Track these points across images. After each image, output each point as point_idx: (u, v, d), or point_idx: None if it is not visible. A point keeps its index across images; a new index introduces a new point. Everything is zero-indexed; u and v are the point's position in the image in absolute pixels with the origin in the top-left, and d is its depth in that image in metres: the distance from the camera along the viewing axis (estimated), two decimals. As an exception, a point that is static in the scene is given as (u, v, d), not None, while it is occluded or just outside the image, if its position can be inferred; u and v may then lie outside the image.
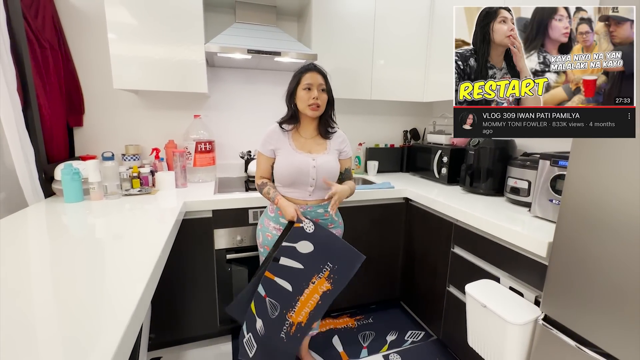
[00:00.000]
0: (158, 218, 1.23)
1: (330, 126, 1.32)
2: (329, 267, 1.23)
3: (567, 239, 0.95)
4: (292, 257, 1.21)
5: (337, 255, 1.24)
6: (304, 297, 1.23)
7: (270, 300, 1.22)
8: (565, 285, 0.95)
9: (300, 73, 1.23)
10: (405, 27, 1.99)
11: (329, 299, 1.25)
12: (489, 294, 1.18)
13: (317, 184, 1.26)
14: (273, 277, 1.22)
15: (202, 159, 1.89)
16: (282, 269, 1.21)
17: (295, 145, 1.27)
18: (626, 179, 0.80)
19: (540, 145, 1.66)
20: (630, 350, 0.81)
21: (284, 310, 1.23)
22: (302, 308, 1.24)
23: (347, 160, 1.38)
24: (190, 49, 1.61)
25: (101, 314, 0.62)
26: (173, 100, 1.94)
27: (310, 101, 1.21)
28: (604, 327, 0.86)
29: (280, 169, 1.25)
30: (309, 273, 1.22)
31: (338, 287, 1.25)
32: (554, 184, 1.23)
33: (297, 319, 1.24)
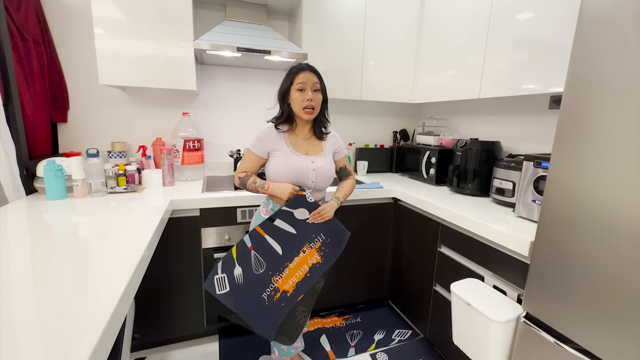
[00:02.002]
0: (144, 216, 1.21)
1: (324, 126, 1.30)
2: (321, 239, 1.22)
3: (547, 238, 0.97)
4: (287, 220, 1.19)
5: (330, 229, 1.24)
6: (293, 265, 1.19)
7: (256, 254, 1.18)
8: (546, 284, 0.98)
9: (293, 73, 1.19)
10: (396, 29, 2.01)
11: (317, 273, 1.22)
12: (474, 293, 1.20)
13: (316, 186, 1.25)
14: (264, 234, 1.18)
15: (190, 157, 1.87)
16: (275, 229, 1.18)
17: (293, 147, 1.24)
18: (604, 181, 0.83)
19: (525, 147, 1.70)
20: (606, 346, 0.83)
21: (270, 272, 1.18)
22: (290, 276, 1.19)
23: (342, 159, 1.38)
24: (179, 45, 1.59)
25: (81, 312, 0.60)
26: (161, 97, 1.91)
27: (304, 103, 1.17)
28: (581, 324, 0.89)
29: (279, 172, 1.21)
30: (301, 240, 1.20)
31: (327, 261, 1.23)
32: (537, 184, 1.26)
33: (283, 286, 1.19)
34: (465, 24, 1.70)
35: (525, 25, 1.40)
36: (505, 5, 1.48)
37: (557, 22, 1.26)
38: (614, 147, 0.80)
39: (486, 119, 1.96)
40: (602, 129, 0.83)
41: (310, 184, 1.24)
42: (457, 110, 2.17)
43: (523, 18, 1.40)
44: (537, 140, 1.64)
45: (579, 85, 0.88)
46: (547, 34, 1.31)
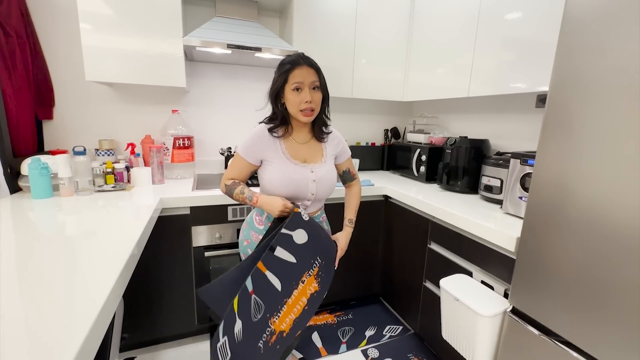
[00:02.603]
0: (133, 215, 1.20)
1: (325, 125, 1.16)
2: (318, 263, 1.10)
3: (533, 234, 0.99)
4: (288, 248, 1.05)
5: (324, 247, 1.12)
6: (291, 300, 1.07)
7: (256, 298, 1.04)
8: (531, 279, 1.00)
9: (287, 69, 1.01)
10: (386, 27, 2.02)
11: (315, 304, 1.11)
12: (462, 288, 1.23)
13: (316, 198, 1.12)
14: (265, 271, 1.04)
15: (180, 155, 1.85)
16: (276, 261, 1.04)
17: (290, 154, 1.09)
18: (588, 178, 0.85)
19: (513, 145, 1.73)
20: (587, 338, 0.86)
21: (268, 314, 1.05)
22: (288, 314, 1.08)
23: (346, 162, 1.25)
24: (168, 41, 1.57)
25: (67, 312, 0.60)
26: (150, 94, 1.89)
27: (302, 105, 1.02)
28: (564, 317, 0.91)
29: (275, 184, 1.07)
30: (300, 269, 1.07)
31: (324, 288, 1.13)
32: (523, 182, 1.28)
33: (279, 326, 1.07)
34: (454, 23, 1.72)
35: (513, 25, 1.42)
36: (493, 5, 1.50)
37: (545, 22, 1.29)
38: (597, 144, 0.83)
39: (475, 117, 1.98)
40: (585, 127, 0.85)
41: (310, 196, 1.10)
42: (447, 109, 2.20)
43: (511, 18, 1.42)
44: (525, 138, 1.67)
45: (563, 84, 0.90)
46: (534, 34, 1.33)
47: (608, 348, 0.82)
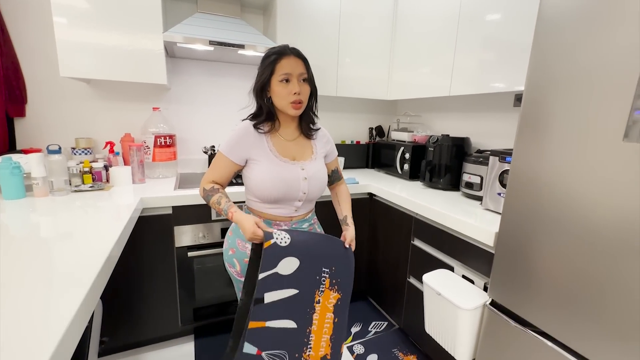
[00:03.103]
0: (112, 215, 1.16)
1: (312, 122, 1.10)
2: (327, 273, 0.96)
3: (510, 229, 1.03)
4: (278, 286, 0.90)
5: (328, 254, 0.98)
6: (316, 327, 0.95)
7: (270, 353, 0.91)
8: (509, 272, 1.03)
9: (274, 60, 0.95)
10: (370, 26, 2.03)
11: (343, 311, 1.00)
12: (444, 283, 1.25)
13: (308, 197, 1.05)
14: (263, 324, 0.90)
15: (161, 153, 1.80)
16: (273, 307, 0.90)
17: (278, 151, 1.02)
18: (562, 174, 0.88)
19: (493, 143, 1.78)
20: (562, 328, 0.90)
21: (297, 353, 0.93)
22: (319, 339, 0.96)
23: (334, 161, 1.21)
24: (148, 37, 1.53)
25: (41, 316, 0.58)
26: (129, 91, 1.83)
27: (291, 97, 0.96)
28: (540, 308, 0.95)
29: (264, 184, 0.99)
30: (308, 293, 0.94)
31: (347, 290, 1.00)
32: (502, 178, 1.32)
33: (318, 354, 0.96)
34: (436, 23, 1.75)
35: (492, 26, 1.46)
36: (473, 6, 1.53)
37: (522, 24, 1.33)
38: (570, 142, 0.86)
39: (457, 115, 2.03)
40: (559, 126, 0.88)
41: (302, 196, 1.03)
42: (430, 107, 2.24)
43: (490, 19, 1.46)
44: (504, 136, 1.72)
45: (538, 84, 0.93)
46: (512, 35, 1.37)
47: (581, 338, 0.86)
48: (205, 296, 1.65)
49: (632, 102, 0.73)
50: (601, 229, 0.80)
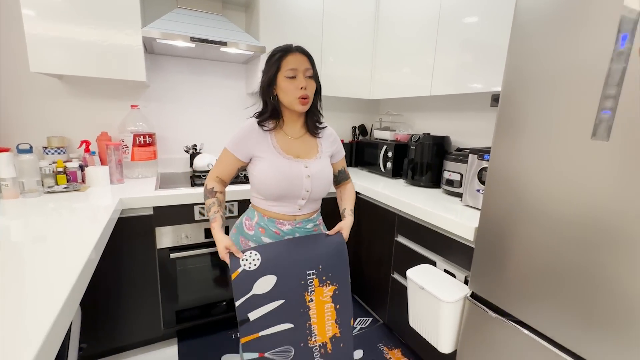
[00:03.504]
0: (88, 217, 1.12)
1: (318, 120, 1.09)
2: (314, 274, 0.97)
3: (489, 224, 1.07)
4: (260, 304, 0.92)
5: (311, 254, 0.98)
6: (316, 319, 0.97)
7: (273, 352, 0.93)
8: (488, 265, 1.08)
9: (280, 57, 0.96)
10: (353, 25, 2.05)
11: (344, 296, 1.02)
12: (427, 277, 1.29)
13: (311, 196, 1.04)
14: (256, 335, 0.92)
15: (141, 152, 1.75)
16: (262, 320, 0.92)
17: (282, 148, 1.02)
18: (536, 171, 0.93)
19: (471, 141, 1.84)
20: (538, 317, 0.95)
21: (302, 343, 0.95)
22: (322, 326, 0.98)
23: (341, 161, 1.19)
24: (125, 32, 1.48)
25: (18, 322, 0.55)
26: (105, 88, 1.77)
27: (298, 92, 0.96)
28: (518, 299, 0.99)
29: (267, 181, 0.99)
30: (296, 299, 0.95)
31: (342, 279, 1.02)
32: (480, 175, 1.37)
33: (325, 336, 0.98)
34: (416, 24, 1.79)
35: (469, 29, 1.51)
36: (452, 8, 1.58)
37: (497, 27, 1.38)
38: (543, 140, 0.91)
39: (437, 115, 2.08)
40: (533, 125, 0.93)
41: (305, 194, 1.02)
42: (411, 107, 2.28)
43: (468, 22, 1.51)
44: (481, 135, 1.79)
45: (513, 86, 0.97)
46: (488, 38, 1.42)
47: (555, 325, 0.91)
48: (188, 298, 1.62)
49: (599, 103, 0.77)
50: (571, 221, 0.85)
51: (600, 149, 0.78)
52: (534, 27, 0.91)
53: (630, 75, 0.72)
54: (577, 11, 0.81)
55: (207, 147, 2.05)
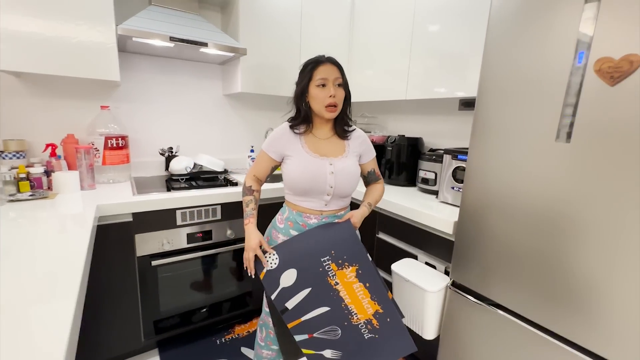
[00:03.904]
0: (60, 227, 1.04)
1: (347, 124, 1.16)
2: (329, 259, 1.04)
3: (468, 218, 1.18)
4: (291, 295, 1.02)
5: (321, 244, 1.06)
6: (350, 299, 1.03)
7: (321, 332, 1.02)
8: (467, 255, 1.19)
9: (312, 68, 1.05)
10: (329, 27, 2.09)
11: (371, 274, 1.05)
12: (410, 270, 1.38)
13: (335, 192, 1.10)
14: (299, 321, 1.02)
15: (113, 156, 1.66)
16: (298, 308, 1.02)
17: (309, 148, 1.10)
18: (509, 169, 1.05)
19: (442, 142, 1.98)
20: (511, 299, 1.07)
21: (345, 322, 1.02)
22: (360, 305, 1.03)
23: (371, 162, 1.23)
24: (97, 29, 1.39)
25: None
26: (71, 87, 1.64)
27: (327, 100, 1.04)
28: (494, 284, 1.11)
29: (293, 176, 1.08)
30: (321, 284, 1.03)
31: (360, 257, 1.06)
32: (454, 174, 1.49)
33: (367, 314, 1.03)
34: (391, 32, 1.88)
35: (435, 37, 1.63)
36: (423, 16, 1.69)
37: (459, 37, 1.51)
38: (514, 142, 1.02)
39: (409, 117, 2.21)
40: (505, 128, 1.04)
41: (329, 190, 1.08)
42: (385, 109, 2.39)
43: (433, 30, 1.63)
44: (451, 136, 1.93)
45: (488, 93, 1.08)
46: (451, 46, 1.56)
47: (526, 304, 1.03)
48: (171, 307, 1.57)
49: (562, 109, 0.90)
50: (539, 213, 0.97)
51: (563, 150, 0.91)
52: (506, 41, 1.02)
53: (586, 86, 0.85)
54: (542, 31, 0.93)
55: (184, 150, 1.99)
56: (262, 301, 1.68)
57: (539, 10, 0.93)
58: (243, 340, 1.72)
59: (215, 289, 1.69)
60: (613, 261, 0.85)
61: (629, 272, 0.82)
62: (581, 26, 0.85)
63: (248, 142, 2.27)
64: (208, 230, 1.59)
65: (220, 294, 1.71)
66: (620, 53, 0.79)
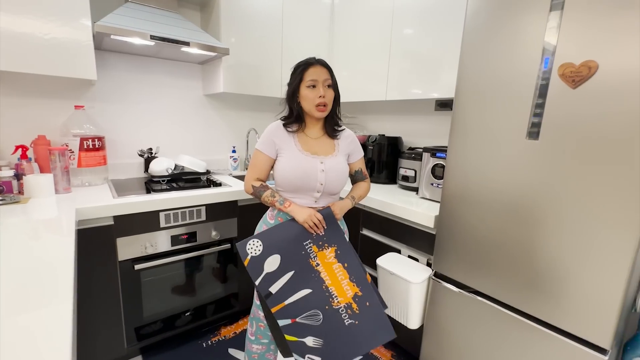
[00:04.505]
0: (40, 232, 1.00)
1: (337, 124, 1.21)
2: (310, 242, 1.08)
3: (448, 212, 1.25)
4: (275, 279, 1.06)
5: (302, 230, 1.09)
6: (330, 280, 1.07)
7: (303, 317, 1.06)
8: (448, 247, 1.26)
9: (303, 69, 1.10)
10: (310, 30, 2.12)
11: (348, 254, 1.10)
12: (394, 264, 1.44)
13: (325, 189, 1.14)
14: (283, 304, 1.06)
15: (89, 158, 1.59)
16: (282, 291, 1.06)
17: (302, 146, 1.14)
18: (485, 165, 1.13)
19: (420, 141, 2.07)
20: (489, 285, 1.15)
21: (326, 306, 1.06)
22: (340, 287, 1.07)
23: (358, 162, 1.27)
24: (72, 25, 1.33)
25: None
26: (40, 85, 1.56)
27: (316, 100, 1.09)
28: (474, 273, 1.19)
29: (285, 173, 1.12)
30: (303, 267, 1.07)
31: (338, 239, 1.11)
32: (433, 171, 1.57)
33: (347, 297, 1.07)
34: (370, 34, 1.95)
35: (411, 40, 1.71)
36: (401, 20, 1.76)
37: (434, 41, 1.60)
38: (489, 140, 1.11)
39: (389, 117, 2.29)
40: (480, 127, 1.12)
41: (319, 187, 1.12)
42: (365, 110, 2.46)
43: (410, 34, 1.71)
44: (428, 135, 2.03)
45: (464, 94, 1.16)
46: (426, 50, 1.64)
47: (502, 288, 1.11)
48: (155, 311, 1.53)
49: (531, 110, 0.99)
50: (511, 205, 1.06)
51: (533, 147, 1.00)
52: (480, 47, 1.10)
53: (551, 89, 0.94)
54: (513, 38, 1.02)
55: (164, 151, 1.94)
56: (249, 301, 1.68)
57: (509, 18, 1.02)
58: (230, 342, 1.71)
59: (200, 292, 1.67)
60: (577, 247, 0.94)
61: (591, 256, 0.92)
62: (546, 34, 0.94)
63: (230, 142, 2.26)
64: (193, 232, 1.57)
65: (206, 296, 1.69)
66: (580, 59, 0.88)
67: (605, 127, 0.87)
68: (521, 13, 0.99)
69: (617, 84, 0.84)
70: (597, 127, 0.88)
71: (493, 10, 1.05)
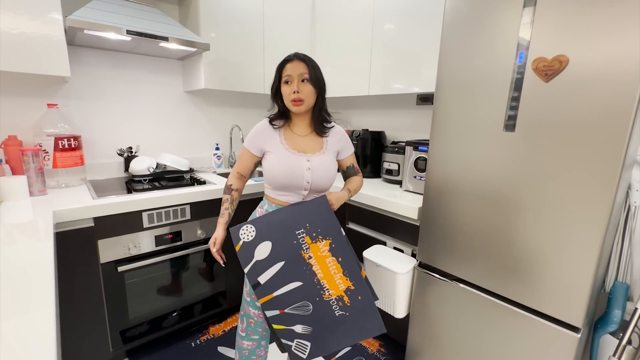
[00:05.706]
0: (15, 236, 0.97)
1: (325, 121, 1.18)
2: (303, 232, 1.05)
3: (431, 203, 1.29)
4: (265, 268, 1.04)
5: (296, 218, 1.06)
6: (322, 274, 1.04)
7: (292, 307, 1.04)
8: (431, 237, 1.30)
9: (281, 66, 1.10)
10: (292, 25, 2.10)
11: (343, 248, 1.06)
12: (380, 256, 1.47)
13: (312, 187, 1.13)
14: (271, 296, 1.03)
15: (65, 158, 1.53)
16: (271, 282, 1.03)
17: (288, 144, 1.13)
18: (464, 157, 1.16)
19: (402, 135, 2.10)
20: (471, 272, 1.19)
21: (317, 298, 1.03)
22: (332, 280, 1.04)
23: (349, 157, 1.26)
24: (41, 19, 1.27)
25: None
26: (8, 83, 1.48)
27: (291, 96, 1.07)
28: (456, 261, 1.23)
29: (272, 172, 1.12)
30: (295, 258, 1.04)
31: (333, 232, 1.06)
32: (416, 164, 1.61)
33: (339, 290, 1.04)
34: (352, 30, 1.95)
35: (393, 36, 1.73)
36: (382, 17, 1.78)
37: (414, 37, 1.63)
38: (468, 132, 1.14)
39: (372, 112, 2.31)
40: (460, 120, 1.16)
41: (305, 185, 1.12)
42: (348, 105, 2.47)
43: (391, 30, 1.73)
44: (410, 129, 2.07)
45: (444, 88, 1.19)
46: (407, 45, 1.67)
47: (483, 275, 1.16)
48: (140, 313, 1.51)
49: (507, 103, 1.03)
50: (489, 194, 1.10)
51: (509, 139, 1.04)
52: (458, 43, 1.13)
53: (526, 83, 0.98)
54: (489, 33, 1.05)
55: (145, 149, 1.89)
56: (237, 299, 1.68)
57: (486, 14, 1.05)
58: (219, 340, 1.70)
59: (187, 291, 1.65)
60: (552, 233, 0.99)
61: (564, 242, 0.97)
62: (521, 29, 0.97)
63: (213, 139, 2.22)
64: (178, 231, 1.55)
65: (193, 296, 1.67)
66: (552, 54, 0.92)
67: (576, 118, 0.91)
68: (497, 9, 1.02)
69: (586, 77, 0.88)
70: (569, 119, 0.92)
71: (471, 6, 1.08)
